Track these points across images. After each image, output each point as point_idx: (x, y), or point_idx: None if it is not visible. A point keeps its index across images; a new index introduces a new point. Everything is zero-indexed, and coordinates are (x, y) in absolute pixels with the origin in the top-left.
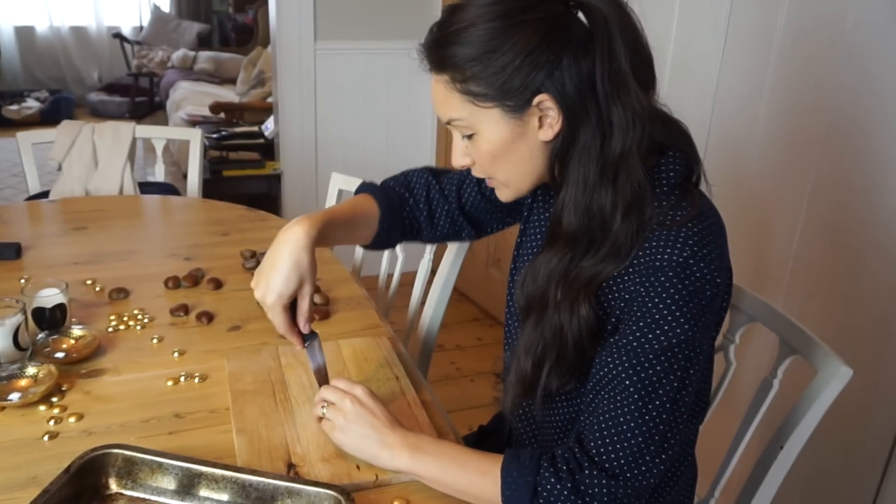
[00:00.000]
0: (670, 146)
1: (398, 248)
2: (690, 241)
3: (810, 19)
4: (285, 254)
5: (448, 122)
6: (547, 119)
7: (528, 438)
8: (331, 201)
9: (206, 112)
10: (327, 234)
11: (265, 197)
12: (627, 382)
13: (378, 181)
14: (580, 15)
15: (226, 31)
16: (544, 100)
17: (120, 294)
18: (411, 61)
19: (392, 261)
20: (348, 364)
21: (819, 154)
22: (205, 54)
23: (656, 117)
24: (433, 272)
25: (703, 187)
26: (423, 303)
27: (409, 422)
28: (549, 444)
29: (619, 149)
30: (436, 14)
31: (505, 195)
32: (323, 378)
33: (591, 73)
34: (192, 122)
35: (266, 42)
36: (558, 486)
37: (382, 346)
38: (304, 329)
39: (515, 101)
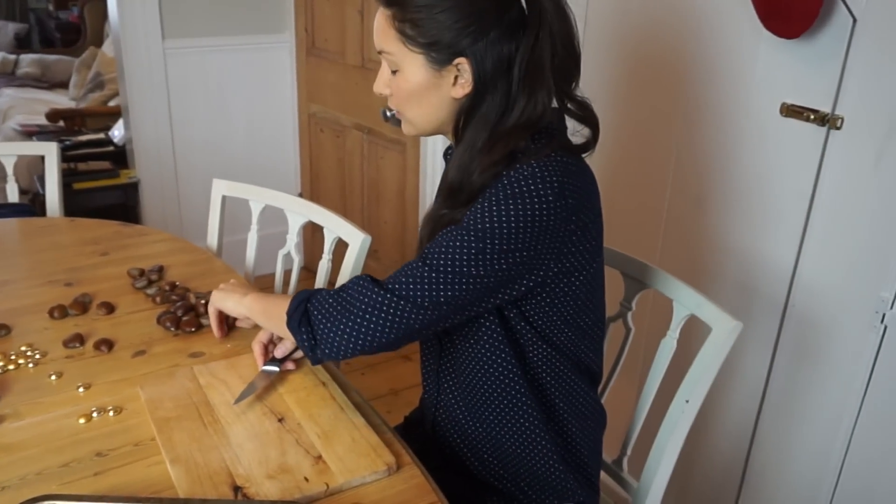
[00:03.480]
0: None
1: (293, 249)
2: (541, 164)
3: None
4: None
5: (380, 52)
6: (461, 79)
7: (456, 406)
8: (215, 209)
9: (42, 121)
10: None
11: (121, 207)
12: (439, 238)
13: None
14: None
15: (48, 31)
16: (462, 62)
17: (0, 331)
18: (266, 56)
19: (287, 261)
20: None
21: (680, 125)
22: (28, 57)
23: (573, 104)
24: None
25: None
26: None
27: (345, 426)
28: (477, 408)
29: (510, 124)
30: (288, 6)
31: (408, 130)
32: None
33: (511, 57)
34: (28, 133)
35: (98, 41)
36: (326, 295)
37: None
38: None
39: (439, 55)
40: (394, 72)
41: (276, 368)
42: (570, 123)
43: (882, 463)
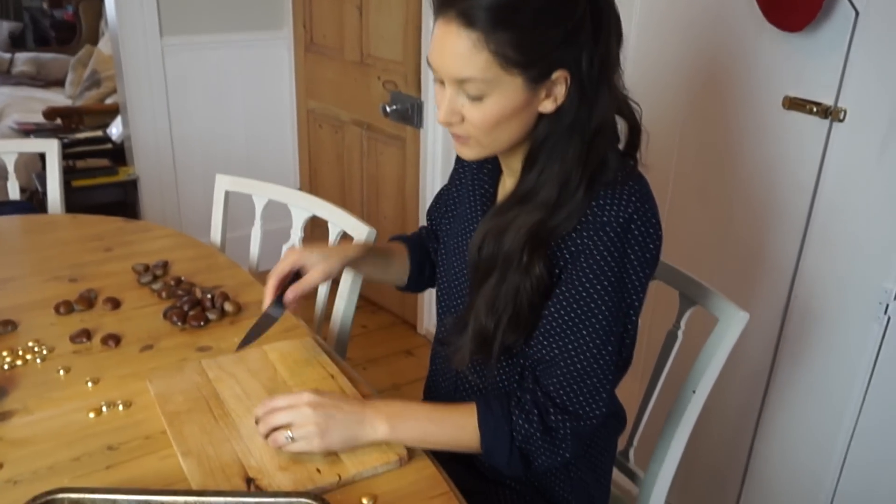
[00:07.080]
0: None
1: (297, 244)
2: (633, 198)
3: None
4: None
5: (459, 80)
6: (553, 92)
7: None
8: (218, 205)
9: (39, 119)
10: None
11: (120, 204)
12: (584, 332)
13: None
14: None
15: (42, 29)
16: (561, 75)
17: (7, 327)
18: (265, 52)
19: None
20: (279, 368)
21: (682, 117)
22: (23, 56)
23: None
24: None
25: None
26: (328, 297)
27: None
28: None
29: (597, 126)
30: (286, 3)
31: (473, 154)
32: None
33: (595, 55)
34: (25, 131)
35: (94, 39)
36: (531, 430)
37: (308, 346)
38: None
39: (540, 71)
40: (475, 98)
41: (281, 311)
42: None
43: (886, 454)
